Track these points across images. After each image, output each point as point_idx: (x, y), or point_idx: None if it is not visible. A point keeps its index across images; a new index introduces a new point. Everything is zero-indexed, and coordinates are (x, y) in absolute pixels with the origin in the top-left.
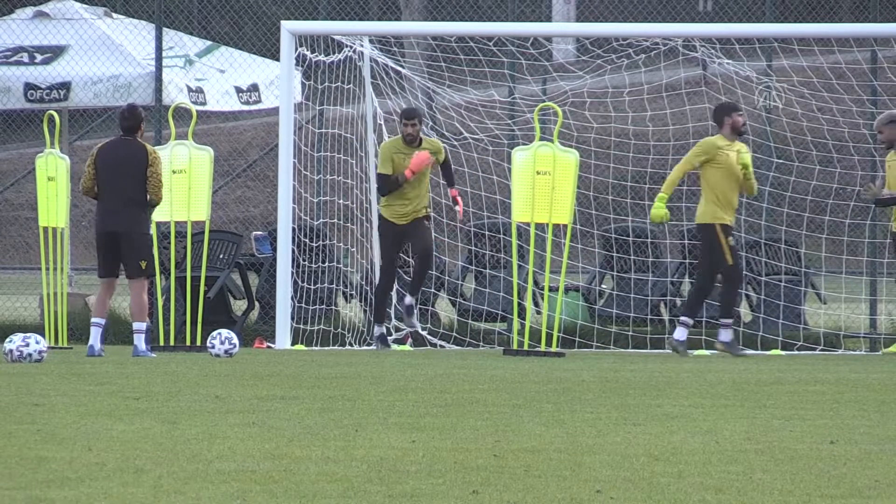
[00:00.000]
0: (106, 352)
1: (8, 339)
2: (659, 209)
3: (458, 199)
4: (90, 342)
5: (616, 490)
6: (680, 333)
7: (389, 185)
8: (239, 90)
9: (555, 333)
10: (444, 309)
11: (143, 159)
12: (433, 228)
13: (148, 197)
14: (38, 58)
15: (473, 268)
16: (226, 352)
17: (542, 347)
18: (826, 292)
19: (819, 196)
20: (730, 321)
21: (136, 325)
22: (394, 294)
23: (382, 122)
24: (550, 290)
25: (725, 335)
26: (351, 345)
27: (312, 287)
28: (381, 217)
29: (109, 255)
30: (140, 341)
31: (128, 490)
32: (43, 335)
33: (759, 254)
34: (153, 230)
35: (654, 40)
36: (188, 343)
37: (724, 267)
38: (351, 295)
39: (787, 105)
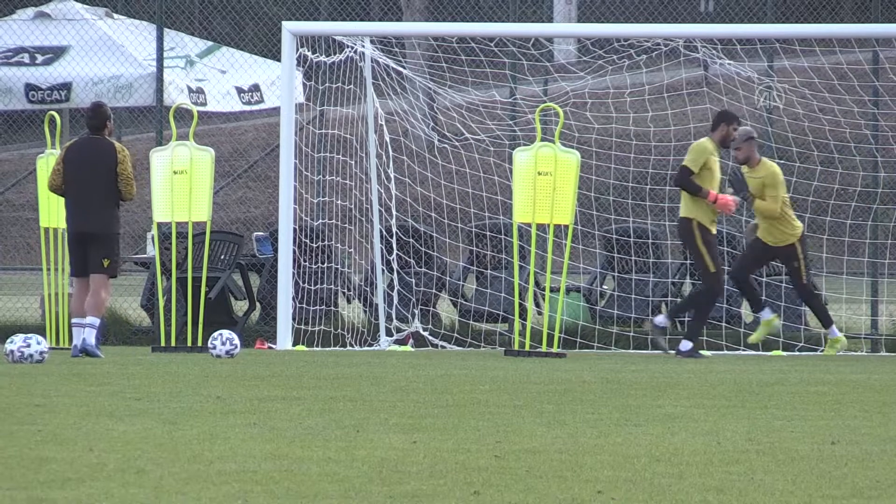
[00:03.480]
0: (107, 352)
1: (9, 340)
2: None
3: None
4: (73, 342)
5: (617, 491)
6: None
7: (690, 185)
8: (240, 90)
9: (556, 334)
10: (445, 310)
11: (112, 157)
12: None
13: (121, 195)
14: (39, 58)
15: (474, 268)
16: (227, 352)
17: (544, 348)
18: (827, 293)
19: (820, 197)
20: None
21: (89, 319)
22: (394, 294)
23: (383, 123)
24: (551, 290)
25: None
26: (352, 346)
27: (313, 288)
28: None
29: (81, 254)
30: (91, 336)
31: (129, 491)
32: (44, 336)
33: None
34: (154, 231)
35: (656, 41)
36: (189, 344)
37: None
38: (351, 296)
39: (788, 105)
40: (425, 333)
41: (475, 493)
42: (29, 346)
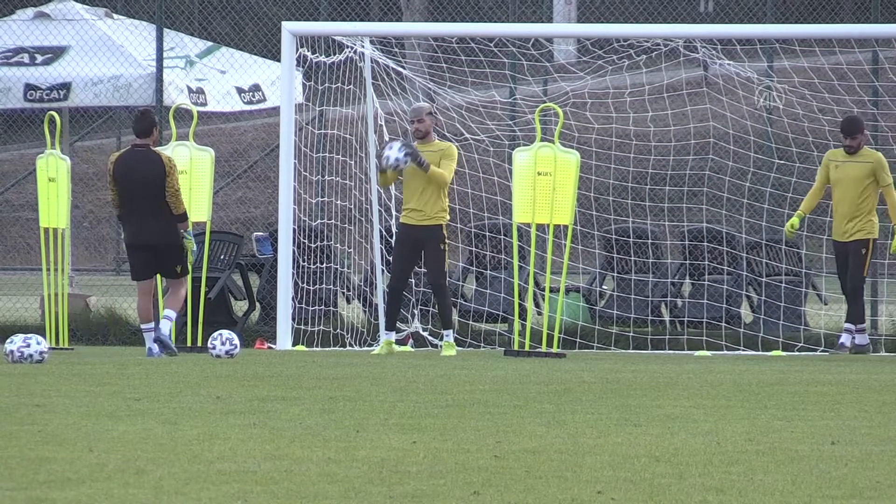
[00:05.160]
0: (105, 353)
1: (9, 340)
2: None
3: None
4: (147, 345)
5: (617, 491)
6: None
7: None
8: (240, 90)
9: (556, 334)
10: None
11: (161, 169)
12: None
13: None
14: (39, 58)
15: (474, 269)
16: (227, 352)
17: (543, 348)
18: (827, 293)
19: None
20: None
21: (167, 311)
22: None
23: (383, 123)
24: (551, 291)
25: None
26: (351, 346)
27: (313, 288)
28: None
29: (141, 261)
30: (166, 327)
31: (129, 491)
32: (44, 336)
33: (760, 255)
34: None
35: (656, 41)
36: (189, 344)
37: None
38: (350, 296)
39: (788, 106)
40: (425, 333)
41: (475, 493)
42: (29, 346)
